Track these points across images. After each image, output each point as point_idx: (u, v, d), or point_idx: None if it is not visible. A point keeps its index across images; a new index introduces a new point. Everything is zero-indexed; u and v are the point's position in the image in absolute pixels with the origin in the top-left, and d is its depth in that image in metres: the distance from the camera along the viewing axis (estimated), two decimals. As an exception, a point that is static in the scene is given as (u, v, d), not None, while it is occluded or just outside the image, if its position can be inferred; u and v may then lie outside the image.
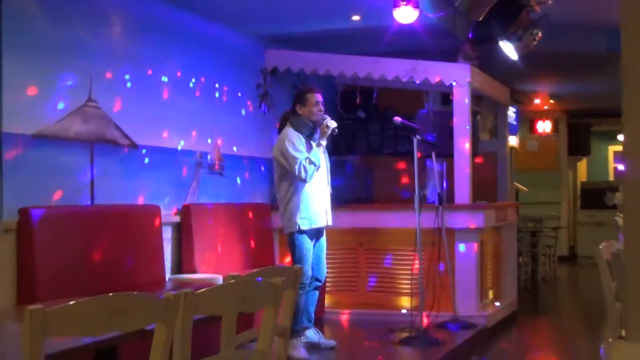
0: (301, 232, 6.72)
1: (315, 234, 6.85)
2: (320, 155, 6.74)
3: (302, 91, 7.05)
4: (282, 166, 6.74)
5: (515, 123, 13.21)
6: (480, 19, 7.67)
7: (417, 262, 7.68)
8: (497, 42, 8.32)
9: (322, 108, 6.88)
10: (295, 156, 6.64)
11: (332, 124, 6.79)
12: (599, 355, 2.11)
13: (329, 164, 7.04)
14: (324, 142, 6.81)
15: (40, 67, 5.92)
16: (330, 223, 6.98)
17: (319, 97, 6.88)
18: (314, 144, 6.79)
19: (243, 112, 8.72)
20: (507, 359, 7.71)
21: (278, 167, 6.82)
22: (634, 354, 2.01)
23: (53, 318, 2.45)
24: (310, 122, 6.83)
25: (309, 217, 6.75)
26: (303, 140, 6.78)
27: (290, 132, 6.80)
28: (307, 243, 6.75)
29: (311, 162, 6.64)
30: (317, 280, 6.91)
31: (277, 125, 7.10)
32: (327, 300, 8.80)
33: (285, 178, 6.78)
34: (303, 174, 6.63)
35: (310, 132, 6.83)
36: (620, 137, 15.14)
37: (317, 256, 6.86)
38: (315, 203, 6.80)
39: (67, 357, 2.97)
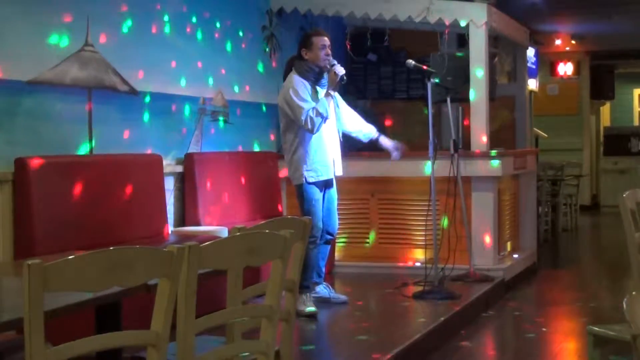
0: (309, 183, 6.70)
1: (324, 185, 6.82)
2: (329, 105, 6.66)
3: (307, 34, 6.96)
4: (288, 115, 6.67)
5: (534, 65, 13.14)
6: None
7: (431, 212, 7.70)
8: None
9: (330, 52, 6.80)
10: (300, 106, 6.54)
11: (341, 70, 6.66)
12: (621, 310, 2.12)
13: (339, 111, 7.00)
14: (332, 92, 6.73)
15: (34, 10, 5.88)
16: (340, 173, 6.96)
17: (325, 40, 6.76)
18: (320, 91, 6.73)
19: (248, 55, 8.67)
20: (526, 313, 7.74)
21: (283, 116, 6.74)
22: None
23: (53, 273, 2.47)
24: (316, 67, 6.73)
25: (315, 168, 6.70)
26: (309, 87, 6.69)
27: (295, 78, 6.69)
28: (316, 194, 6.71)
29: (318, 114, 6.53)
30: (329, 233, 6.89)
31: (283, 72, 7.03)
32: (337, 253, 8.84)
33: (290, 128, 6.71)
34: (309, 125, 6.53)
35: (316, 77, 6.74)
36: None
37: (327, 209, 6.82)
38: (323, 154, 6.74)
39: (68, 312, 3.00)
